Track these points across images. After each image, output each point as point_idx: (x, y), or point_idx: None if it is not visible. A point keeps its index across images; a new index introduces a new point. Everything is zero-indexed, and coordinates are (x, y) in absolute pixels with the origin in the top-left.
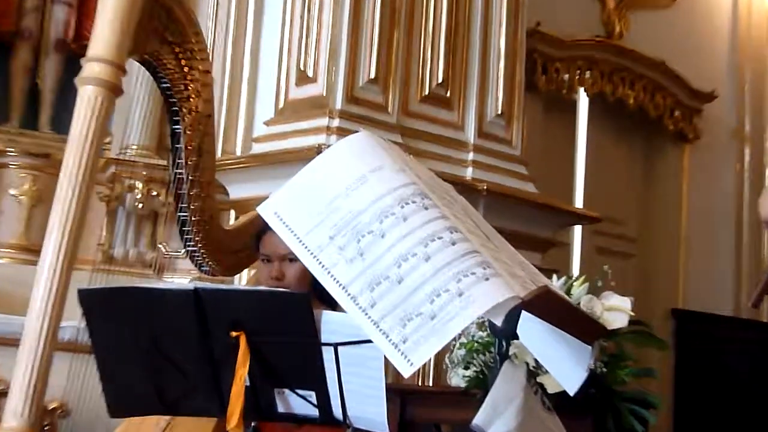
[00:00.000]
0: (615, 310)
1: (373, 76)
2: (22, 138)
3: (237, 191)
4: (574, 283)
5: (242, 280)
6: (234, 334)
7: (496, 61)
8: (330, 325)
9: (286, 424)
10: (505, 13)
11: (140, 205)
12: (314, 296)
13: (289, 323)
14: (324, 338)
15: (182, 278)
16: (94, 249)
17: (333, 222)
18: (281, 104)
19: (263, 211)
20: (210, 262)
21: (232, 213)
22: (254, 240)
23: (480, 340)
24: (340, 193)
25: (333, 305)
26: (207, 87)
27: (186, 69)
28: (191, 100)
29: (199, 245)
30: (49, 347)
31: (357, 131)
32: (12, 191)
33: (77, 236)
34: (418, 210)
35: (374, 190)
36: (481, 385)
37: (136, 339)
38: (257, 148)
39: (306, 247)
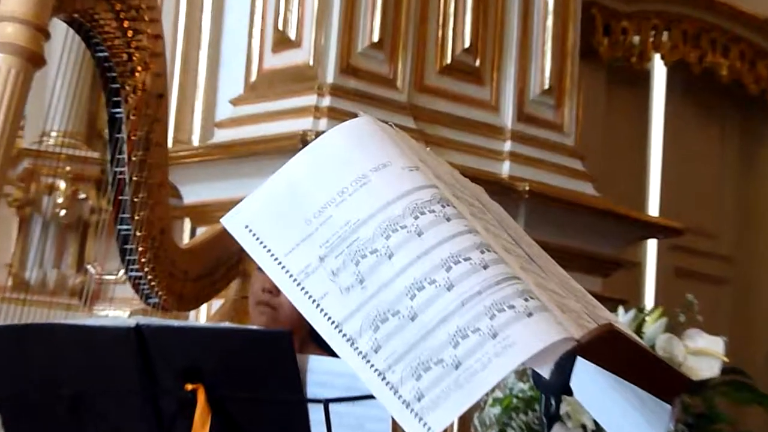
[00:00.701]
0: (703, 355)
1: (376, 39)
2: None
3: (194, 194)
4: (647, 318)
5: (202, 317)
6: (190, 386)
7: (541, 19)
8: (319, 374)
9: None
10: None
11: (63, 212)
12: (309, 336)
13: (264, 372)
14: (311, 392)
15: (120, 311)
16: (1, 271)
17: (324, 238)
18: (253, 77)
19: (230, 223)
20: (160, 292)
21: (187, 223)
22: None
23: (521, 395)
24: (333, 199)
25: (332, 350)
26: (157, 57)
27: (130, 33)
28: (137, 74)
29: (146, 268)
30: None
31: (355, 114)
32: None
33: None
34: (437, 222)
35: (378, 194)
36: None
37: (54, 394)
38: (221, 136)
39: (287, 272)
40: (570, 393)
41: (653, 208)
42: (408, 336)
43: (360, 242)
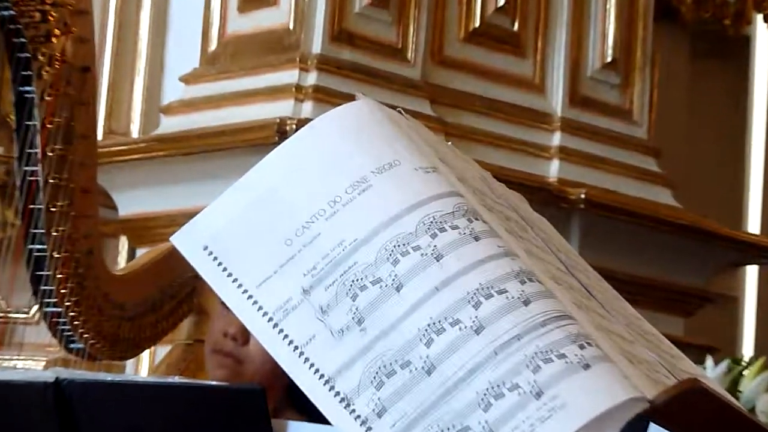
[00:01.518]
0: None
1: None
2: None
3: (132, 203)
4: (746, 372)
5: (144, 368)
6: None
7: None
8: None
9: None
10: None
11: None
12: (287, 396)
13: None
14: None
15: (33, 360)
16: None
17: (309, 263)
18: (212, 45)
19: (183, 242)
20: (86, 334)
21: (123, 242)
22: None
23: None
24: (322, 211)
25: (317, 415)
26: (82, 17)
27: None
28: (53, 40)
29: (67, 303)
30: None
31: (352, 97)
32: None
33: None
34: (461, 241)
35: (383, 205)
36: None
37: None
38: (168, 125)
39: (259, 308)
40: None
41: (753, 225)
42: (423, 395)
43: (358, 269)
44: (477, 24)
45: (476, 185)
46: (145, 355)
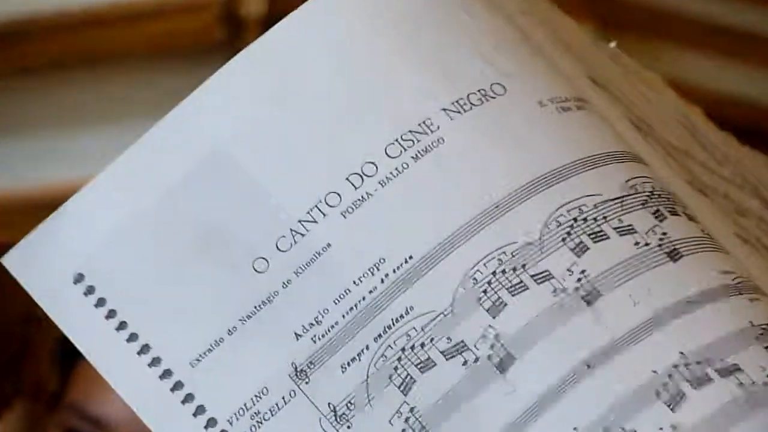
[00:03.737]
0: None
1: None
2: None
3: None
4: None
5: None
6: None
7: None
8: None
9: None
10: None
11: None
12: None
13: None
14: None
15: None
16: None
17: (304, 312)
18: None
19: (16, 266)
20: None
21: None
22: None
23: None
24: (334, 197)
25: None
26: None
27: None
28: None
29: None
30: None
31: None
32: None
33: None
34: (642, 262)
35: (470, 178)
36: None
37: None
38: None
39: (195, 409)
40: None
41: None
42: None
43: (416, 324)
44: None
45: (669, 134)
46: None
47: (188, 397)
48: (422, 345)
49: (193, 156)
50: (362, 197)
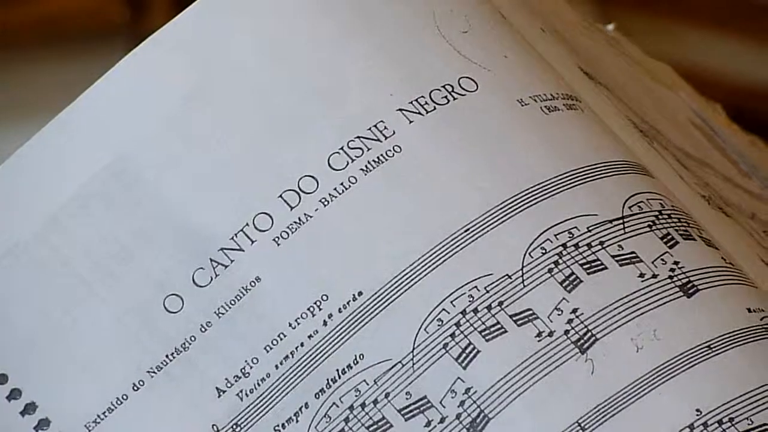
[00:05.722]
0: None
1: None
2: None
3: None
4: None
5: None
6: None
7: None
8: None
9: None
10: None
11: None
12: None
13: None
14: None
15: None
16: None
17: (228, 362)
18: None
19: None
20: None
21: None
22: None
23: None
24: (264, 221)
25: None
26: None
27: None
28: None
29: None
30: None
31: None
32: None
33: None
34: (650, 297)
35: (427, 197)
36: None
37: None
38: None
39: None
40: None
41: None
42: None
43: (366, 376)
44: None
45: (681, 140)
46: None
47: None
48: (375, 402)
49: (88, 168)
50: (299, 219)
